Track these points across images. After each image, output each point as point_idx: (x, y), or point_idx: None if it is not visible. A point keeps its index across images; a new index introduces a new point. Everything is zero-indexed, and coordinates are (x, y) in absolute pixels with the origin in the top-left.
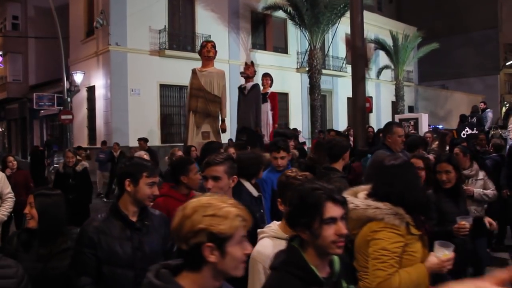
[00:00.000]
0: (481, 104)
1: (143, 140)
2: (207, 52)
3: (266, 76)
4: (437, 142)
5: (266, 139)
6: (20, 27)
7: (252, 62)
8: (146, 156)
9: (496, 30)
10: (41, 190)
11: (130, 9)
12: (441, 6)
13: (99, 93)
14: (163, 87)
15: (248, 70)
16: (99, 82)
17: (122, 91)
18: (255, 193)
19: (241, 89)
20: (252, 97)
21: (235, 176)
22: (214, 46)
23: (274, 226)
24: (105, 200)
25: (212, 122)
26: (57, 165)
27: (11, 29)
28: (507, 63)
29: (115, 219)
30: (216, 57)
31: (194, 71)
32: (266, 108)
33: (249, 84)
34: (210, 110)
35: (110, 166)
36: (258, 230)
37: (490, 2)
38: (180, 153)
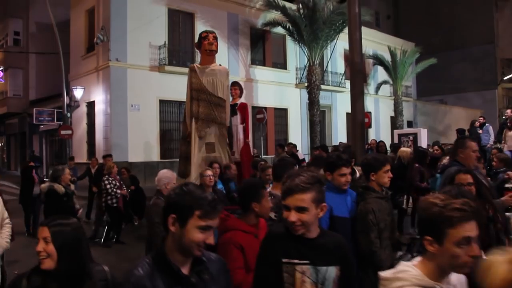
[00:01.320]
0: (481, 118)
1: (109, 157)
2: (209, 45)
3: (235, 85)
4: (447, 158)
5: (236, 156)
6: (22, 42)
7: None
8: (171, 175)
9: (493, 45)
10: (56, 220)
11: (131, 25)
12: (439, 22)
13: (99, 108)
14: (162, 102)
15: None
16: (99, 97)
17: (121, 107)
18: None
19: None
20: None
21: (324, 203)
22: (216, 38)
23: (413, 269)
24: (85, 220)
25: (217, 131)
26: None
27: (12, 45)
28: (505, 78)
29: (161, 273)
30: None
31: (193, 69)
32: (236, 121)
33: None
34: (214, 116)
35: (88, 183)
36: (389, 275)
37: (486, 18)
38: (210, 172)
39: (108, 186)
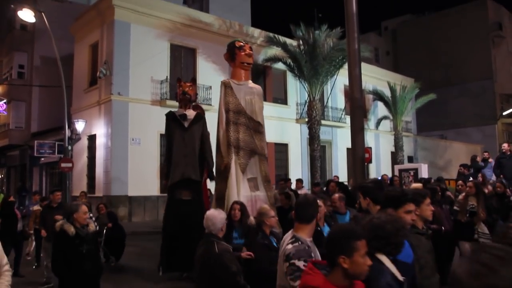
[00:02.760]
0: (485, 153)
1: (58, 192)
2: (248, 57)
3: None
4: (463, 194)
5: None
6: (26, 75)
7: (193, 79)
8: (224, 216)
9: (491, 81)
10: None
11: (133, 60)
12: (437, 58)
13: (100, 141)
14: (163, 136)
15: (191, 90)
16: (100, 130)
17: (122, 140)
18: (399, 276)
19: (176, 119)
20: (197, 132)
21: None
22: (252, 50)
23: None
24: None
25: (258, 164)
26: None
27: (17, 77)
28: (504, 113)
29: None
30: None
31: (227, 84)
32: None
33: (191, 113)
34: (255, 146)
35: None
36: None
37: (484, 54)
38: (272, 213)
39: (96, 223)
